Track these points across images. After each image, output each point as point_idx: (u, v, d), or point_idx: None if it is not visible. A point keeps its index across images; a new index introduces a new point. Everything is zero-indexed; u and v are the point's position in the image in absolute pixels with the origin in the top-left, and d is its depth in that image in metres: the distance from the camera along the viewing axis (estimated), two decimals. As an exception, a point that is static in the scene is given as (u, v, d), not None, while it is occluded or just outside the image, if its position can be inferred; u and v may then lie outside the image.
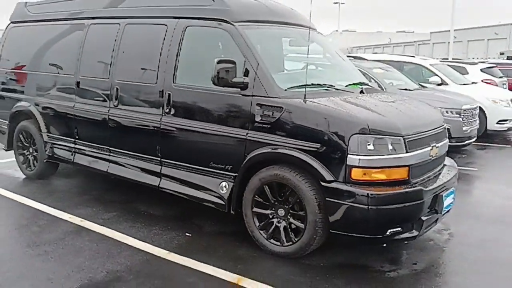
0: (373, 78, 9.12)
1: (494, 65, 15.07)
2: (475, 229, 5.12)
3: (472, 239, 4.81)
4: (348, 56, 11.75)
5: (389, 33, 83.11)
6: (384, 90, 8.60)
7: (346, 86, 4.80)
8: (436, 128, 4.48)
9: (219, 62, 4.13)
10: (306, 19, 5.29)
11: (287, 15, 5.20)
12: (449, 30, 28.46)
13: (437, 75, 11.02)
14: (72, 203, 5.55)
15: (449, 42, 28.75)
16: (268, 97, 4.16)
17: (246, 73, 4.25)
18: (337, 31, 63.08)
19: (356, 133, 3.80)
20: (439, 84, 10.73)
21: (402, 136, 3.91)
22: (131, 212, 5.27)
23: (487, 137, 10.73)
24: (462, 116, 8.82)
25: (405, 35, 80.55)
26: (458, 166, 6.84)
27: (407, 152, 3.92)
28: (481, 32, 54.61)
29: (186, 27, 4.76)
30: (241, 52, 4.34)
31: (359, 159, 3.80)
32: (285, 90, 4.21)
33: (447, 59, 21.42)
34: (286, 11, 5.26)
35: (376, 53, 53.25)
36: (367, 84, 5.12)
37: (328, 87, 4.58)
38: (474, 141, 9.43)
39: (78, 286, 3.63)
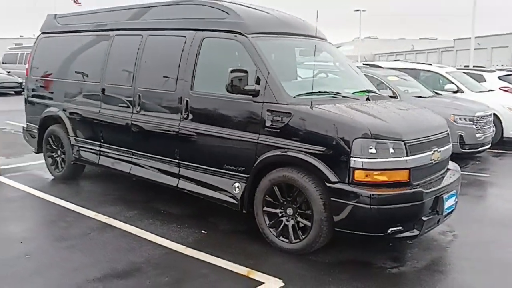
0: (387, 86, 9.36)
1: (513, 72, 15.04)
2: (479, 231, 5.31)
3: (475, 240, 5.01)
4: (364, 64, 12.07)
5: (412, 40, 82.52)
6: (399, 97, 8.82)
7: (353, 93, 5.07)
8: (438, 133, 4.72)
9: (232, 71, 4.46)
10: (318, 30, 5.57)
11: (298, 26, 5.50)
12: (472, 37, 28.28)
13: (453, 82, 11.14)
14: (97, 202, 5.94)
15: (473, 50, 28.57)
16: (278, 103, 4.47)
17: (257, 81, 4.57)
18: (358, 38, 62.96)
19: (359, 137, 4.08)
20: (455, 92, 10.85)
21: (402, 141, 4.16)
22: (151, 211, 5.63)
23: (503, 144, 10.78)
24: (475, 123, 8.95)
25: (429, 42, 79.90)
26: (471, 172, 7.03)
27: (407, 155, 4.17)
28: (506, 39, 53.88)
29: (203, 39, 5.11)
30: (253, 62, 4.66)
31: (362, 162, 4.07)
32: (294, 97, 4.52)
33: (468, 66, 21.43)
34: (297, 22, 5.57)
35: (398, 60, 53.01)
36: (374, 92, 5.37)
37: (334, 95, 4.86)
38: (488, 148, 9.53)
39: (102, 275, 3.99)
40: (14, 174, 7.31)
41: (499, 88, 12.99)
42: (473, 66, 20.83)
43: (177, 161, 5.30)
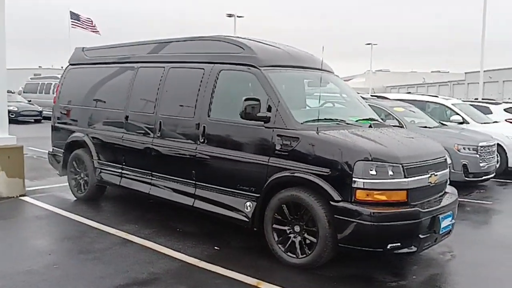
0: (394, 116, 9.78)
1: (519, 105, 15.39)
2: (477, 252, 5.62)
3: (472, 260, 5.32)
4: (372, 96, 12.52)
5: (423, 73, 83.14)
6: (404, 127, 9.23)
7: (356, 121, 5.49)
8: (436, 158, 5.10)
9: (246, 99, 4.95)
10: (324, 63, 6.06)
11: (306, 60, 6.01)
12: (484, 71, 28.77)
13: (458, 114, 11.53)
14: (117, 221, 6.36)
15: (482, 83, 28.98)
16: (287, 129, 4.92)
17: (269, 109, 5.04)
18: (370, 70, 63.79)
19: (360, 160, 4.49)
20: (460, 123, 11.22)
21: (400, 164, 4.56)
22: (168, 229, 6.03)
23: (508, 174, 11.03)
24: (479, 153, 9.28)
25: (440, 75, 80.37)
26: (474, 199, 7.42)
27: (405, 177, 4.56)
28: (517, 72, 54.12)
29: (220, 71, 5.62)
30: (265, 91, 5.14)
31: (363, 182, 4.47)
32: (301, 123, 4.97)
33: (478, 99, 21.85)
34: (306, 57, 6.08)
35: (409, 92, 53.53)
36: (376, 120, 5.80)
37: (339, 122, 5.31)
38: (493, 177, 9.81)
39: (125, 283, 4.38)
40: (39, 195, 7.78)
41: (505, 120, 13.34)
42: (482, 99, 21.25)
43: (194, 182, 5.73)
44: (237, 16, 38.84)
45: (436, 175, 4.98)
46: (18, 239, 5.74)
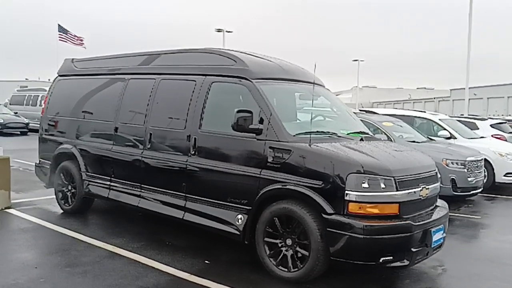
0: (383, 131, 9.84)
1: (505, 121, 15.62)
2: (467, 266, 5.62)
3: (462, 274, 5.32)
4: (360, 110, 12.60)
5: (409, 90, 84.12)
6: (393, 141, 9.27)
7: (348, 134, 5.51)
8: (427, 172, 5.11)
9: (238, 111, 4.94)
10: (315, 77, 6.08)
11: (298, 73, 6.03)
12: (469, 88, 29.22)
13: (445, 129, 11.64)
14: (105, 234, 6.25)
15: (468, 99, 29.43)
16: (279, 141, 4.90)
17: (261, 121, 5.03)
18: (356, 86, 64.47)
19: (353, 173, 4.48)
20: (447, 138, 11.33)
21: (392, 177, 4.56)
22: (156, 242, 5.94)
23: (496, 189, 11.12)
24: (467, 167, 9.35)
25: (426, 92, 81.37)
26: (463, 214, 7.43)
27: (397, 190, 4.56)
28: (501, 89, 55.07)
29: (212, 83, 5.61)
30: (257, 104, 5.13)
31: (356, 195, 4.45)
32: (294, 135, 4.96)
33: (463, 115, 22.12)
34: (297, 70, 6.10)
35: (396, 108, 54.17)
36: (367, 133, 5.82)
37: (331, 135, 5.31)
38: (480, 192, 9.86)
39: (113, 297, 4.28)
40: (25, 208, 7.64)
41: (492, 136, 13.50)
42: (468, 115, 21.53)
43: (184, 194, 5.66)
44: (226, 31, 39.05)
45: (428, 188, 4.99)
46: (3, 252, 5.60)
